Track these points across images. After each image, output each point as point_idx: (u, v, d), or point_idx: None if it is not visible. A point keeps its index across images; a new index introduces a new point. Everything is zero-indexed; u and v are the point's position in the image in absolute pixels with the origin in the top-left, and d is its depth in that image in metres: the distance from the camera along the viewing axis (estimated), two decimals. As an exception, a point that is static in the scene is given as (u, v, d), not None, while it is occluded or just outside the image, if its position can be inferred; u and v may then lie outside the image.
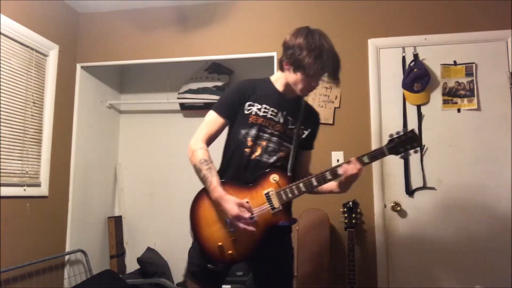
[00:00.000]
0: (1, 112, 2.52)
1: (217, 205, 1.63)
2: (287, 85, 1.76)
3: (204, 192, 1.70)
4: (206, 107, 3.41)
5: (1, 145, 2.51)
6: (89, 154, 3.27)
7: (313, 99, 2.79)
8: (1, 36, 2.52)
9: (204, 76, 3.43)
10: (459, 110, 2.63)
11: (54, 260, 2.87)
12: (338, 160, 2.70)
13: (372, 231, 2.63)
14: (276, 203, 1.66)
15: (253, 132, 1.71)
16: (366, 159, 1.68)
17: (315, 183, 1.67)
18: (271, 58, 2.90)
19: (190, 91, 3.39)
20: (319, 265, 2.43)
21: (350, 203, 2.47)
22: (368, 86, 2.75)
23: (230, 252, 1.65)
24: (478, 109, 2.61)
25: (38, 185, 2.81)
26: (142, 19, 3.18)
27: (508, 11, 2.61)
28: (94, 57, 3.22)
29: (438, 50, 2.70)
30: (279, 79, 1.79)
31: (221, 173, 1.73)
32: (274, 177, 1.68)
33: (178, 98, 3.46)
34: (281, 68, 1.76)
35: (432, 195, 2.60)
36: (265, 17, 2.97)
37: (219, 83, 3.35)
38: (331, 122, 2.75)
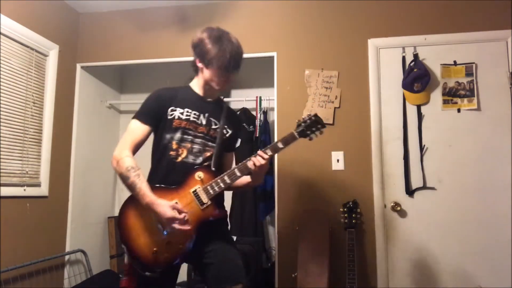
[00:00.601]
0: (1, 112, 2.52)
1: (149, 210, 1.65)
2: (205, 88, 1.86)
3: (130, 202, 1.73)
4: (206, 107, 3.41)
5: (1, 145, 2.51)
6: (89, 154, 3.27)
7: (313, 99, 2.79)
8: (1, 36, 2.52)
9: (204, 76, 3.43)
10: (459, 110, 2.63)
11: (54, 260, 2.88)
12: (338, 160, 2.71)
13: (372, 231, 2.63)
14: (204, 198, 1.71)
15: (177, 135, 1.77)
16: (280, 145, 1.76)
17: (238, 173, 1.74)
18: (271, 58, 2.90)
19: (190, 91, 3.39)
20: (319, 265, 2.43)
21: (350, 203, 2.47)
22: (368, 86, 2.75)
23: (166, 255, 1.67)
24: (478, 109, 2.61)
25: (38, 185, 2.81)
26: (142, 19, 3.18)
27: (508, 11, 2.61)
28: (94, 57, 3.22)
29: (438, 50, 2.70)
30: (197, 83, 1.89)
31: (150, 179, 1.77)
32: (199, 175, 1.74)
33: (178, 98, 3.45)
34: (196, 71, 1.88)
35: (432, 195, 2.60)
36: (265, 17, 2.97)
37: (219, 83, 3.35)
38: (331, 122, 2.75)
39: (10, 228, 2.53)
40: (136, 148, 1.77)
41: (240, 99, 3.30)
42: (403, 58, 2.73)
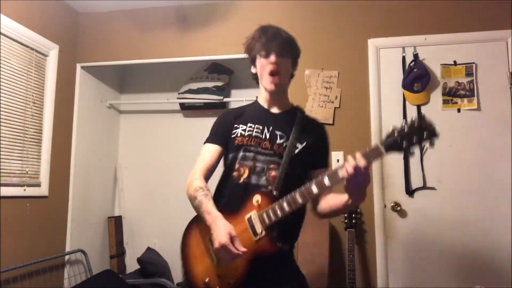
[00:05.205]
0: (1, 112, 2.52)
1: (208, 231, 1.49)
2: (269, 98, 1.67)
3: (195, 222, 1.60)
4: (206, 107, 3.42)
5: (1, 145, 2.51)
6: (89, 154, 3.27)
7: (313, 99, 2.79)
8: (1, 36, 2.52)
9: (204, 76, 3.43)
10: (459, 110, 2.63)
11: (54, 260, 2.87)
12: (338, 160, 2.70)
13: (372, 231, 2.63)
14: (258, 228, 1.46)
15: (240, 154, 1.60)
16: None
17: (300, 200, 1.44)
18: (271, 58, 2.90)
19: (190, 91, 3.39)
20: (319, 265, 2.43)
21: (350, 203, 2.47)
22: (368, 86, 2.75)
23: None
24: (478, 109, 2.61)
25: (38, 185, 2.81)
26: (142, 19, 3.18)
27: (508, 11, 2.61)
28: (94, 57, 3.22)
29: (438, 50, 2.69)
30: (261, 94, 1.72)
31: (214, 201, 1.59)
32: (257, 199, 1.49)
33: (178, 98, 3.46)
34: (257, 83, 1.70)
35: (432, 195, 2.60)
36: (265, 17, 2.94)
37: (219, 83, 3.35)
38: (331, 122, 2.75)
39: (10, 228, 2.53)
40: (208, 172, 1.62)
41: (240, 99, 3.30)
42: (403, 58, 2.73)
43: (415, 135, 1.31)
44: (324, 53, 2.83)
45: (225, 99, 3.33)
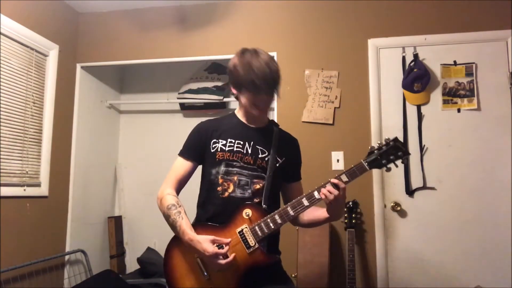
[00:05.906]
0: (1, 112, 2.52)
1: (191, 249, 1.54)
2: (248, 114, 1.70)
3: (175, 240, 1.64)
4: (206, 107, 3.42)
5: (1, 145, 2.51)
6: (89, 154, 3.27)
7: (313, 99, 2.79)
8: (1, 36, 2.52)
9: (204, 76, 3.43)
10: (459, 110, 2.63)
11: (54, 260, 2.87)
12: (338, 160, 2.71)
13: (372, 231, 2.63)
14: (251, 241, 1.53)
15: (222, 169, 1.65)
16: (344, 177, 1.56)
17: (291, 213, 1.54)
18: (271, 58, 2.90)
19: (190, 91, 3.39)
20: (319, 265, 2.43)
21: (350, 203, 2.47)
22: (368, 86, 2.75)
23: None
24: (478, 109, 2.61)
25: (38, 185, 2.81)
26: (142, 19, 3.18)
27: (508, 11, 2.61)
28: (94, 57, 3.22)
29: (438, 50, 2.70)
30: (240, 110, 1.75)
31: (199, 216, 1.70)
32: (247, 212, 1.57)
33: (178, 98, 3.46)
34: (237, 98, 1.71)
35: (432, 195, 2.60)
36: (265, 17, 2.97)
37: (219, 83, 3.36)
38: (331, 122, 2.75)
39: (10, 228, 2.52)
40: (179, 185, 1.71)
41: (240, 99, 3.31)
42: (403, 58, 2.73)
43: (391, 154, 1.55)
44: (324, 53, 2.83)
45: (225, 99, 3.33)
